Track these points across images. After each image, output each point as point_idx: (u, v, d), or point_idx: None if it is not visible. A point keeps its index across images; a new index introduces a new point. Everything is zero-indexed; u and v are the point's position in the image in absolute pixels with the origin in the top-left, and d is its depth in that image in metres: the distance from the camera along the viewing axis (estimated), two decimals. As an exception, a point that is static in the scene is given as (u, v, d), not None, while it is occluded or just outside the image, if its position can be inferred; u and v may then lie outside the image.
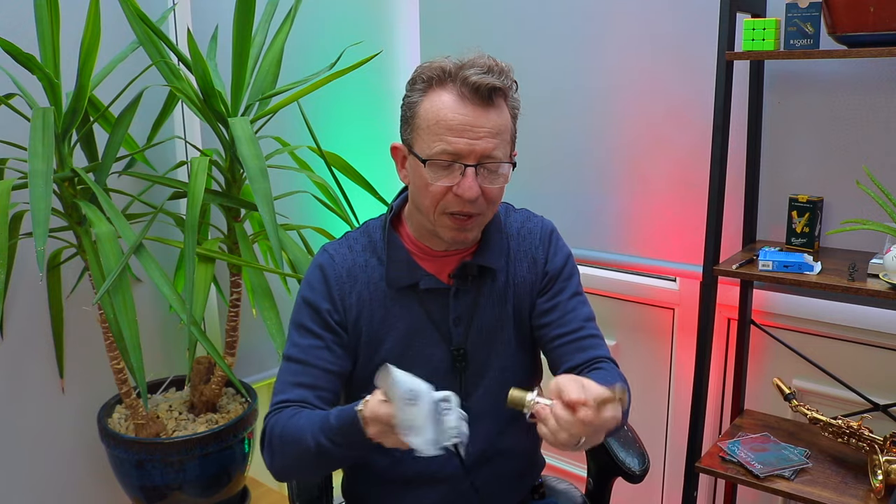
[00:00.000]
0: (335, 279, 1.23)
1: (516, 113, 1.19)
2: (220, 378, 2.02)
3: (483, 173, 1.14)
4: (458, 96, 1.12)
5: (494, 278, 1.27)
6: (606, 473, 1.49)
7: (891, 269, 1.51)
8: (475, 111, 1.11)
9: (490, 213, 1.20)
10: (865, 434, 1.65)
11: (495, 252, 1.27)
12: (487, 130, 1.12)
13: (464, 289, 1.25)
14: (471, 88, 1.11)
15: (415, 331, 1.24)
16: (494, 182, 1.15)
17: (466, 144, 1.11)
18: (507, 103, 1.16)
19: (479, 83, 1.10)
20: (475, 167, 1.12)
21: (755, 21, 1.67)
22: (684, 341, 2.11)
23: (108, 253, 1.64)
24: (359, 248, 1.26)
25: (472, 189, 1.12)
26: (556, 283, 1.29)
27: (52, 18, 1.67)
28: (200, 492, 1.94)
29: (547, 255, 1.30)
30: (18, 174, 1.74)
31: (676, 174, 2.05)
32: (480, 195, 1.14)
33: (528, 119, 2.34)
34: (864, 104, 1.74)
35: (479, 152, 1.12)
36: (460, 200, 1.13)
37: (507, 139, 1.16)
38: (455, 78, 1.12)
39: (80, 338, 2.05)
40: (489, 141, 1.12)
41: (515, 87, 1.18)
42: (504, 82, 1.13)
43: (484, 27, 2.38)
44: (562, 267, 1.30)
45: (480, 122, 1.11)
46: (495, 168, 1.14)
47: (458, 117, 1.11)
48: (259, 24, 1.94)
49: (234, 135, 1.69)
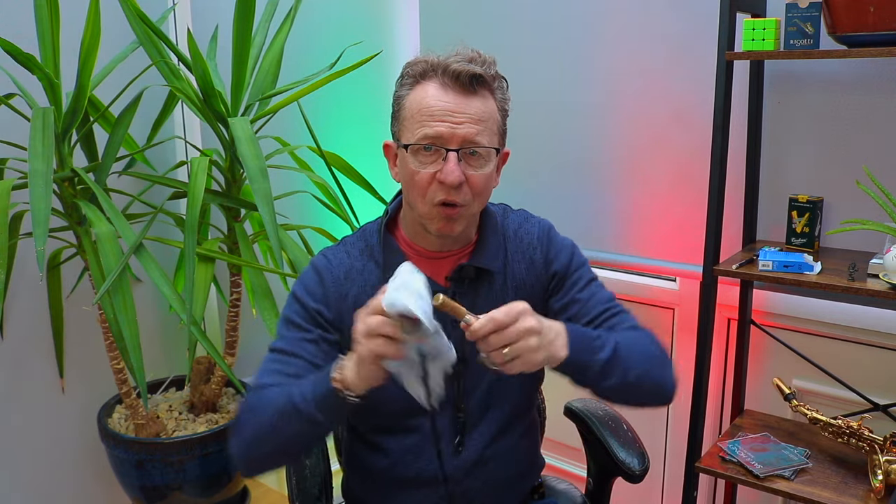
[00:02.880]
0: (332, 281, 1.23)
1: (505, 108, 1.19)
2: (220, 378, 2.02)
3: (467, 159, 1.14)
4: (441, 85, 1.13)
5: (492, 280, 1.25)
6: (606, 473, 1.49)
7: (891, 269, 1.51)
8: (457, 98, 1.12)
9: (477, 205, 1.19)
10: (865, 434, 1.65)
11: (492, 253, 1.25)
12: (469, 116, 1.12)
13: (461, 291, 1.23)
14: (452, 76, 1.12)
15: None
16: (479, 169, 1.15)
17: (448, 128, 1.11)
18: (493, 96, 1.16)
19: (459, 70, 1.12)
20: (458, 152, 1.12)
21: (755, 21, 1.67)
22: (684, 341, 2.11)
23: (108, 253, 1.64)
24: (356, 253, 1.26)
25: (453, 173, 1.12)
26: (568, 280, 1.28)
27: (52, 18, 1.67)
28: (200, 492, 1.94)
29: (546, 256, 1.28)
30: (18, 174, 1.74)
31: (676, 174, 2.05)
32: (465, 182, 1.13)
33: (529, 119, 2.35)
34: (864, 104, 1.74)
35: (461, 136, 1.12)
36: (445, 188, 1.13)
37: (491, 128, 1.15)
38: (437, 69, 1.13)
39: (80, 338, 2.05)
40: (471, 126, 1.12)
41: (504, 84, 1.18)
42: (487, 70, 1.14)
43: (484, 27, 2.38)
44: (568, 262, 1.29)
45: (461, 108, 1.12)
46: (479, 154, 1.14)
47: (439, 104, 1.12)
48: (259, 24, 1.94)
49: (234, 135, 1.69)
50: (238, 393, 2.14)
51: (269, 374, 1.17)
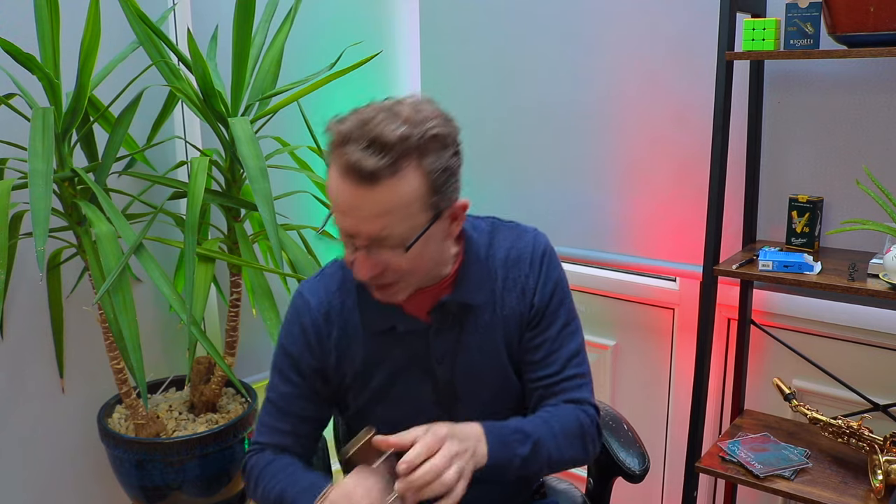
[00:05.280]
0: (312, 327, 1.20)
1: (439, 169, 1.02)
2: (220, 378, 2.02)
3: (380, 250, 1.04)
4: (341, 174, 1.00)
5: (479, 313, 1.18)
6: (606, 473, 1.49)
7: (891, 269, 1.51)
8: (355, 191, 0.99)
9: (415, 277, 1.09)
10: (865, 434, 1.65)
11: (475, 286, 1.17)
12: (369, 212, 1.00)
13: (445, 326, 1.18)
14: (345, 168, 0.99)
15: (398, 370, 1.20)
16: (400, 258, 1.04)
17: (352, 226, 1.02)
18: (415, 170, 1.00)
19: (352, 163, 0.97)
20: (366, 248, 1.03)
21: (755, 21, 1.67)
22: (684, 341, 2.11)
23: (108, 253, 1.64)
24: (334, 288, 1.21)
25: (360, 272, 1.05)
26: (545, 317, 1.20)
27: (52, 18, 1.67)
28: (200, 492, 1.94)
29: (537, 284, 1.19)
30: (18, 174, 1.74)
31: (676, 174, 2.05)
32: (385, 270, 1.05)
33: (528, 119, 2.35)
34: (864, 104, 1.74)
35: (365, 234, 1.02)
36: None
37: (406, 214, 1.01)
38: (337, 152, 1.00)
39: (80, 338, 2.05)
40: (375, 222, 1.00)
41: (443, 142, 1.02)
42: (386, 161, 0.97)
43: (484, 27, 2.38)
44: (550, 297, 1.20)
45: (358, 204, 1.00)
46: (393, 244, 1.03)
47: (340, 196, 1.01)
48: (259, 24, 1.94)
49: (234, 135, 1.69)
50: (238, 393, 2.14)
51: (267, 431, 1.24)
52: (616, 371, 2.27)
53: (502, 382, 1.23)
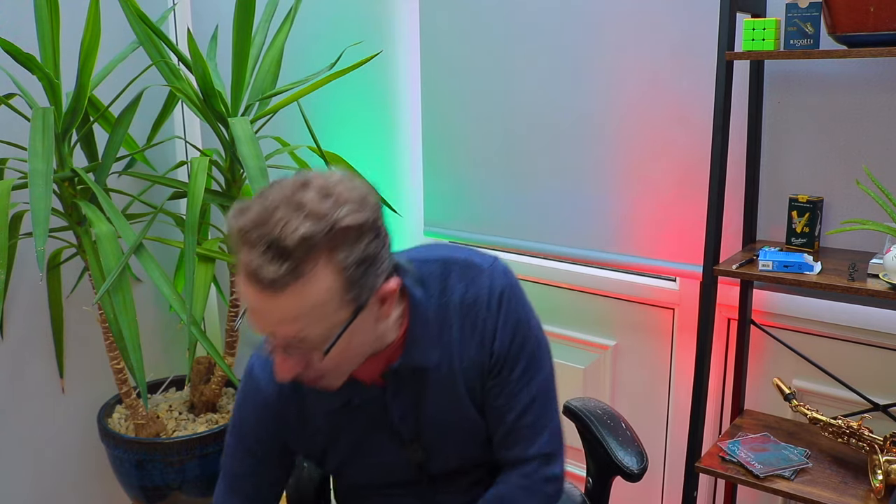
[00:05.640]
0: (265, 409, 1.15)
1: (354, 263, 0.91)
2: (220, 378, 2.02)
3: (299, 351, 0.95)
4: (244, 275, 0.90)
5: (435, 371, 1.10)
6: (605, 472, 1.49)
7: (891, 269, 1.50)
8: (261, 297, 0.89)
9: (346, 367, 1.01)
10: (865, 434, 1.65)
11: (426, 346, 1.08)
12: (280, 318, 0.91)
13: (402, 387, 1.11)
14: (246, 274, 0.89)
15: (361, 439, 1.16)
16: (319, 359, 0.96)
17: (264, 328, 0.94)
18: (319, 273, 0.88)
19: (253, 273, 0.88)
20: (284, 348, 0.95)
21: (755, 21, 1.67)
22: (684, 341, 2.10)
23: (108, 253, 1.64)
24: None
25: (279, 373, 0.97)
26: (507, 362, 1.12)
27: (52, 18, 1.67)
28: (200, 492, 1.94)
29: (496, 327, 1.10)
30: (18, 174, 1.75)
31: (676, 174, 2.05)
32: (307, 368, 0.97)
33: (528, 119, 2.35)
34: (864, 104, 1.74)
35: (280, 337, 0.93)
36: None
37: (318, 317, 0.91)
38: (238, 249, 0.90)
39: (80, 338, 2.05)
40: (287, 327, 0.91)
41: (357, 232, 0.90)
42: (287, 267, 0.86)
43: (484, 27, 2.38)
44: (510, 342, 1.11)
45: (268, 308, 0.90)
46: (312, 346, 0.94)
47: (247, 299, 0.91)
48: (259, 24, 1.94)
49: (234, 135, 1.69)
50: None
51: (227, 495, 1.19)
52: (616, 371, 2.27)
53: (470, 426, 1.17)
